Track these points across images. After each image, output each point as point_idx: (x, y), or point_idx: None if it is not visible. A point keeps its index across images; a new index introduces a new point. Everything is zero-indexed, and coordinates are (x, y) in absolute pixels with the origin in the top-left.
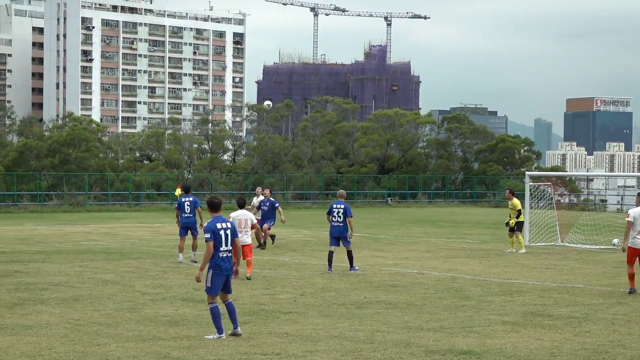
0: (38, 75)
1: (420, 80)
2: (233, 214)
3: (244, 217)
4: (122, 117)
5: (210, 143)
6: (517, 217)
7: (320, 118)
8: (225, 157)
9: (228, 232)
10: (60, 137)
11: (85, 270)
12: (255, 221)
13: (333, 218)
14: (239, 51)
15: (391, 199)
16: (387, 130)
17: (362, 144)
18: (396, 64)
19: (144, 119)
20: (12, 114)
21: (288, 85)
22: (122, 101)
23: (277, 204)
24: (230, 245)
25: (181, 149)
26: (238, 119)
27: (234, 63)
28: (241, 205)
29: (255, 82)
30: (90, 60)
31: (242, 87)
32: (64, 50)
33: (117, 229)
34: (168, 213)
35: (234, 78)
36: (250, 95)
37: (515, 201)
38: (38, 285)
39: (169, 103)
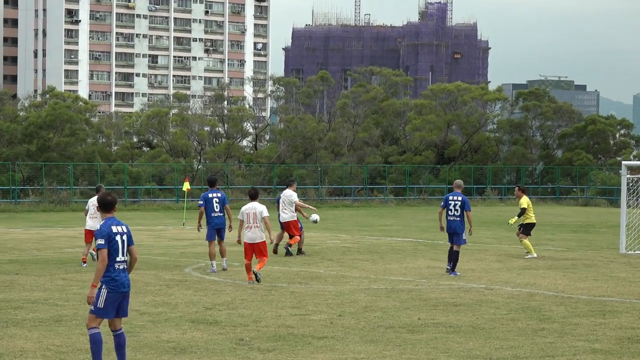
0: (11, 41)
1: (489, 46)
2: (242, 208)
3: (252, 211)
4: (116, 93)
5: (225, 125)
6: (519, 215)
7: (364, 94)
8: (245, 143)
9: (124, 237)
10: (39, 118)
11: (69, 284)
12: (267, 214)
13: (449, 212)
14: (261, 10)
15: None
16: (447, 109)
17: (416, 127)
18: (459, 26)
19: (143, 95)
20: None
21: (323, 53)
22: (116, 73)
23: None
24: (127, 255)
25: (189, 132)
26: (261, 95)
27: (255, 25)
28: (253, 197)
29: (283, 49)
30: (77, 22)
31: (265, 56)
32: (44, 10)
33: None
34: (173, 213)
35: (255, 44)
36: (275, 65)
37: (523, 200)
38: (10, 303)
39: (174, 75)
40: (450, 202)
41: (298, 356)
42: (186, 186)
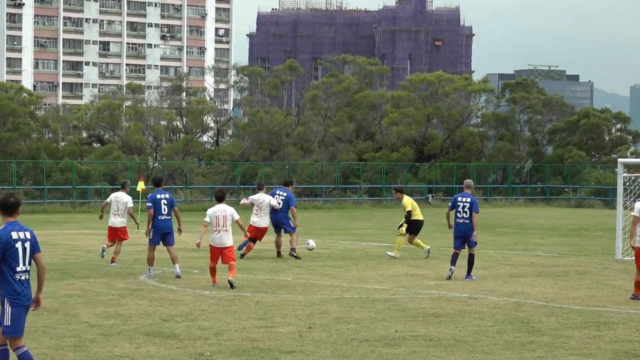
0: None
1: (473, 32)
2: (210, 210)
3: (222, 214)
4: (64, 83)
5: (184, 119)
6: (408, 218)
7: (336, 85)
8: (205, 138)
9: (27, 245)
10: None
11: None
12: (238, 216)
13: (458, 214)
14: None
15: (433, 196)
16: (427, 101)
17: (393, 121)
18: (440, 10)
19: (93, 86)
20: None
21: (292, 39)
22: (64, 62)
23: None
24: (29, 264)
25: (144, 127)
26: (223, 86)
27: (217, 9)
28: (220, 199)
29: (247, 35)
30: (20, 5)
31: (228, 43)
32: None
33: (56, 237)
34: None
35: (217, 30)
36: (239, 53)
37: (406, 200)
38: None
39: (127, 64)
40: (459, 203)
41: None
42: (140, 186)
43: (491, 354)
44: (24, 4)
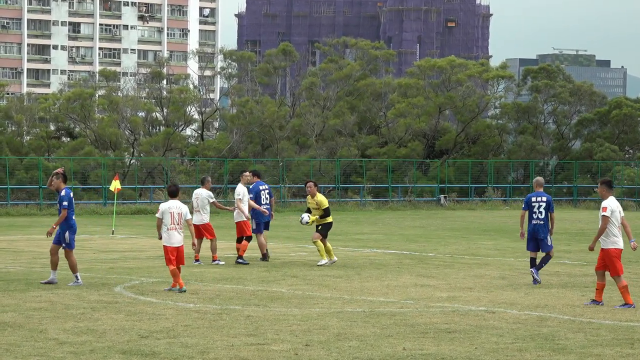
0: None
1: (491, 12)
2: (163, 206)
3: (177, 211)
4: (29, 69)
5: (164, 110)
6: (323, 217)
7: (336, 71)
8: (189, 131)
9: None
10: None
11: None
12: (190, 216)
13: (533, 214)
14: None
15: (445, 197)
16: (438, 89)
17: (401, 112)
18: None
19: (62, 72)
20: None
21: (286, 20)
22: (29, 45)
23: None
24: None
25: (120, 119)
26: (208, 72)
27: None
28: (174, 194)
29: (235, 15)
30: None
31: (214, 24)
32: None
33: (20, 242)
34: (99, 218)
35: (201, 9)
36: (226, 36)
37: (320, 198)
38: None
39: (100, 48)
40: (534, 203)
41: None
42: (115, 185)
43: None
44: None
